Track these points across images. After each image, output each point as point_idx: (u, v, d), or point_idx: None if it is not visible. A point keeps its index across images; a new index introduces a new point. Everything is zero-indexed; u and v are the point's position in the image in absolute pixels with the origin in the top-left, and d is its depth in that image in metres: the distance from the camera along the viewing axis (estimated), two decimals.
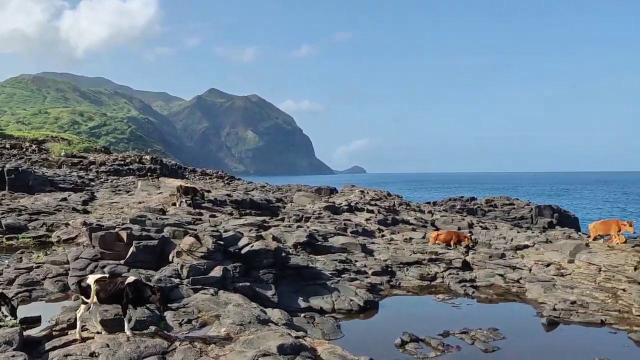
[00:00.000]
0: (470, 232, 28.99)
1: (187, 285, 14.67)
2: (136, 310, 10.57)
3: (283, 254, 18.68)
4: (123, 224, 20.01)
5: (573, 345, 13.85)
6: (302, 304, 16.48)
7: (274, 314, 12.94)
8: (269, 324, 11.48)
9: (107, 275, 10.91)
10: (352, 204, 36.10)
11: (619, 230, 23.05)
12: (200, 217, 26.79)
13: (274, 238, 21.61)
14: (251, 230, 22.96)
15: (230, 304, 12.20)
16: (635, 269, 18.25)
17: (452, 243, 24.88)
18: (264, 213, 31.63)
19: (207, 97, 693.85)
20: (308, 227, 26.64)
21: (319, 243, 23.32)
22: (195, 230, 19.65)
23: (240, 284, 15.60)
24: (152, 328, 10.62)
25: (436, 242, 25.14)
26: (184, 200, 30.07)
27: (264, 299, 15.54)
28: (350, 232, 27.25)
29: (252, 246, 17.76)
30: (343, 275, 19.55)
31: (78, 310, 10.22)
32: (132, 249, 16.38)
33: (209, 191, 33.19)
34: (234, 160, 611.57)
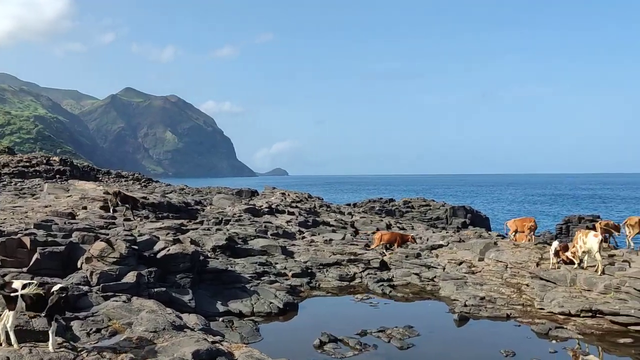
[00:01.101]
0: (413, 235, 29.75)
1: (97, 293, 13.91)
2: (38, 320, 9.86)
3: (201, 258, 18.24)
4: (26, 229, 18.66)
5: (481, 339, 14.55)
6: (221, 308, 16.17)
7: (191, 319, 12.57)
8: (185, 329, 11.13)
9: (34, 281, 10.07)
10: (273, 206, 35.97)
11: (535, 228, 24.65)
12: (113, 221, 25.58)
13: (192, 241, 21.05)
14: (168, 234, 22.22)
15: (144, 311, 11.70)
16: (537, 265, 19.50)
17: (396, 244, 25.48)
18: (182, 216, 30.76)
19: (122, 96, 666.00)
20: (228, 230, 26.21)
21: (239, 246, 23.01)
22: (108, 234, 18.72)
23: (156, 290, 15.03)
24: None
25: (381, 243, 25.66)
26: (119, 207, 28.44)
27: (181, 304, 15.08)
28: (271, 235, 27.12)
29: (168, 250, 17.19)
30: (263, 278, 19.40)
31: (6, 320, 9.26)
32: (36, 256, 15.29)
33: (146, 199, 31.58)
34: (151, 162, 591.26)
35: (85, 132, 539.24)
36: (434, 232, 31.49)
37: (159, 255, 16.95)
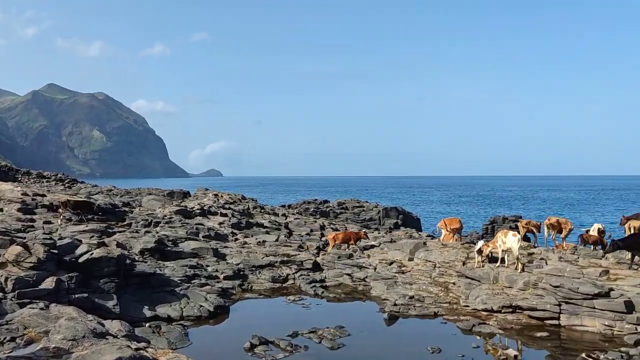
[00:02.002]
0: (364, 231, 30.22)
1: (11, 300, 13.08)
2: None
3: (128, 262, 17.56)
4: None
5: (409, 337, 14.91)
6: (148, 313, 15.62)
7: (114, 325, 12.03)
8: (107, 337, 10.62)
9: None
10: (205, 208, 35.28)
11: (461, 228, 25.60)
12: (32, 223, 24.19)
13: (119, 244, 20.22)
14: (92, 237, 21.25)
15: (62, 318, 11.08)
16: (464, 264, 20.23)
17: (349, 243, 25.64)
18: (109, 218, 29.53)
19: (45, 92, 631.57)
20: (157, 232, 25.44)
21: (169, 248, 22.37)
22: (24, 238, 17.64)
23: (77, 296, 14.32)
24: None
25: (336, 242, 25.73)
26: (66, 215, 26.74)
27: (105, 310, 14.45)
28: (203, 237, 26.57)
29: (91, 254, 16.42)
30: (193, 281, 18.96)
31: None
32: None
33: (92, 203, 29.80)
34: (77, 162, 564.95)
35: (4, 129, 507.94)
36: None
37: (80, 260, 16.15)
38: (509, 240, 18.28)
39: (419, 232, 36.42)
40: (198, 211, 34.00)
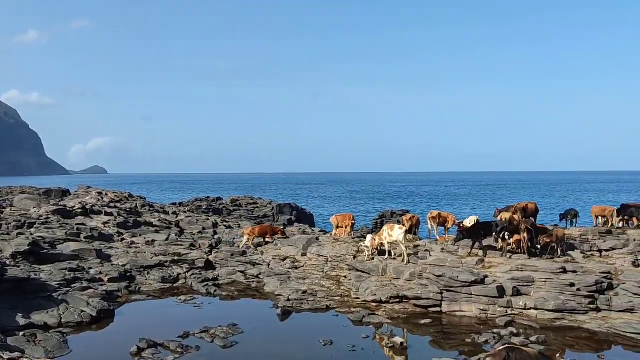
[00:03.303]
0: (281, 225, 30.02)
1: None
2: None
3: None
4: None
5: (302, 331, 15.10)
6: (22, 321, 14.38)
7: None
8: None
9: None
10: (88, 207, 33.11)
11: (353, 224, 26.24)
12: None
13: None
14: None
15: None
16: (354, 257, 20.85)
17: (265, 237, 25.38)
18: None
19: None
20: (32, 234, 23.48)
21: (45, 251, 20.73)
22: None
23: None
24: None
25: (252, 235, 25.30)
26: None
27: None
28: (85, 238, 24.94)
29: None
30: (73, 285, 17.75)
31: None
32: None
33: None
34: None
35: None
36: None
37: None
38: (395, 234, 19.17)
39: (312, 228, 37.00)
40: (79, 210, 31.81)
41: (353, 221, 26.35)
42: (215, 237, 28.68)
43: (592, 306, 15.36)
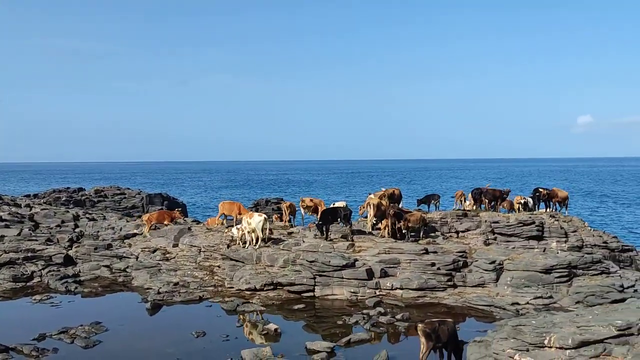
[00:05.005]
0: (178, 210, 28.67)
1: None
2: None
3: None
4: None
5: (173, 324, 14.53)
6: None
7: None
8: None
9: None
10: None
11: (240, 214, 25.35)
12: None
13: None
14: None
15: None
16: (228, 246, 20.53)
17: (165, 222, 24.42)
18: None
19: None
20: None
21: None
22: None
23: None
24: None
25: (151, 223, 24.03)
26: None
27: None
28: None
29: None
30: None
31: None
32: None
33: None
34: None
35: None
36: (128, 221, 30.08)
37: None
38: (253, 221, 19.31)
39: (185, 218, 35.84)
40: None
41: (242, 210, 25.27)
42: (77, 230, 26.60)
43: (449, 283, 16.70)
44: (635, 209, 61.97)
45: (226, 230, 21.31)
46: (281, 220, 24.74)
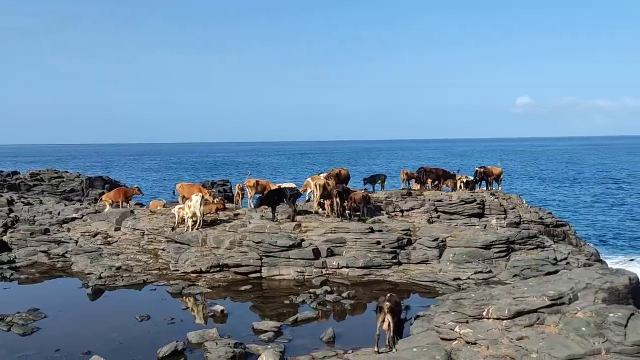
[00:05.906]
0: (136, 187, 27.57)
1: None
2: None
3: None
4: None
5: (116, 309, 14.15)
6: None
7: None
8: None
9: None
10: None
11: (203, 196, 24.47)
12: None
13: None
14: None
15: None
16: (173, 229, 20.14)
17: (121, 201, 24.43)
18: None
19: None
20: None
21: None
22: None
23: None
24: None
25: (110, 202, 24.22)
26: None
27: None
28: None
29: None
30: None
31: None
32: None
33: None
34: None
35: None
36: (66, 205, 28.91)
37: None
38: (192, 203, 19.04)
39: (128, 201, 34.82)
40: None
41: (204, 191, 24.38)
42: (11, 215, 25.35)
43: (394, 261, 17.08)
44: (571, 187, 65.32)
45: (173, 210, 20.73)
46: (230, 204, 24.41)
